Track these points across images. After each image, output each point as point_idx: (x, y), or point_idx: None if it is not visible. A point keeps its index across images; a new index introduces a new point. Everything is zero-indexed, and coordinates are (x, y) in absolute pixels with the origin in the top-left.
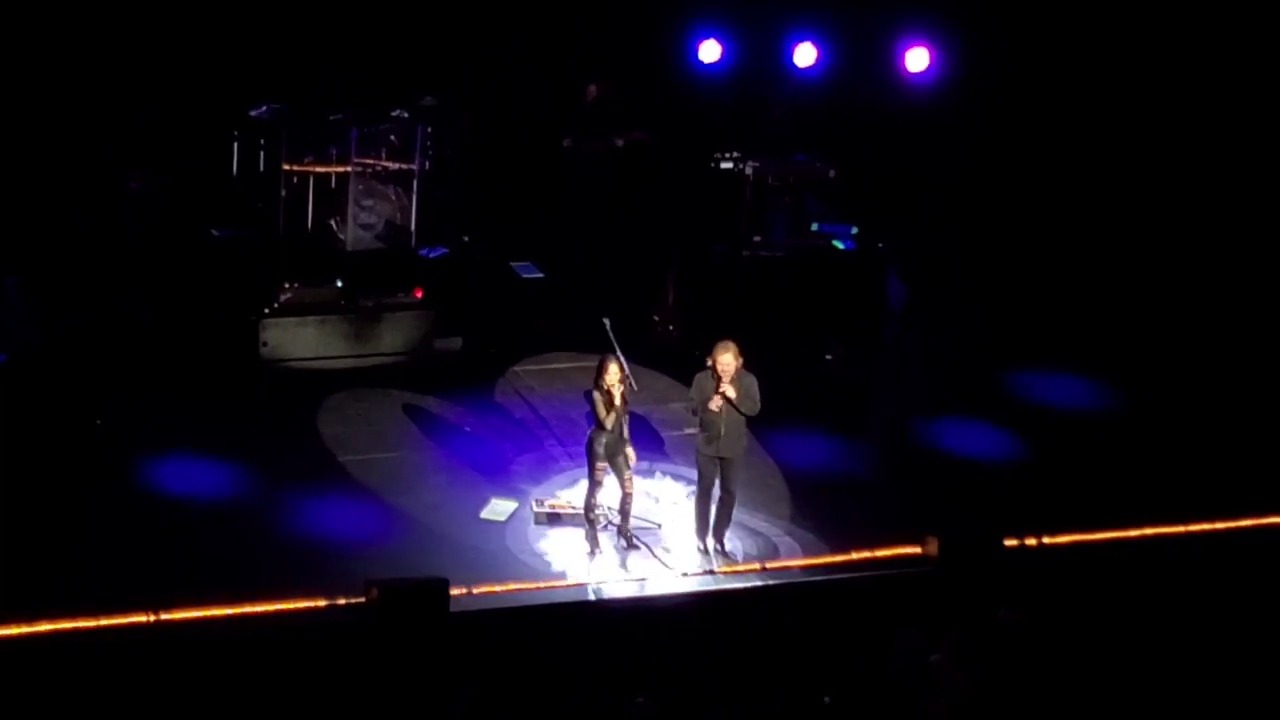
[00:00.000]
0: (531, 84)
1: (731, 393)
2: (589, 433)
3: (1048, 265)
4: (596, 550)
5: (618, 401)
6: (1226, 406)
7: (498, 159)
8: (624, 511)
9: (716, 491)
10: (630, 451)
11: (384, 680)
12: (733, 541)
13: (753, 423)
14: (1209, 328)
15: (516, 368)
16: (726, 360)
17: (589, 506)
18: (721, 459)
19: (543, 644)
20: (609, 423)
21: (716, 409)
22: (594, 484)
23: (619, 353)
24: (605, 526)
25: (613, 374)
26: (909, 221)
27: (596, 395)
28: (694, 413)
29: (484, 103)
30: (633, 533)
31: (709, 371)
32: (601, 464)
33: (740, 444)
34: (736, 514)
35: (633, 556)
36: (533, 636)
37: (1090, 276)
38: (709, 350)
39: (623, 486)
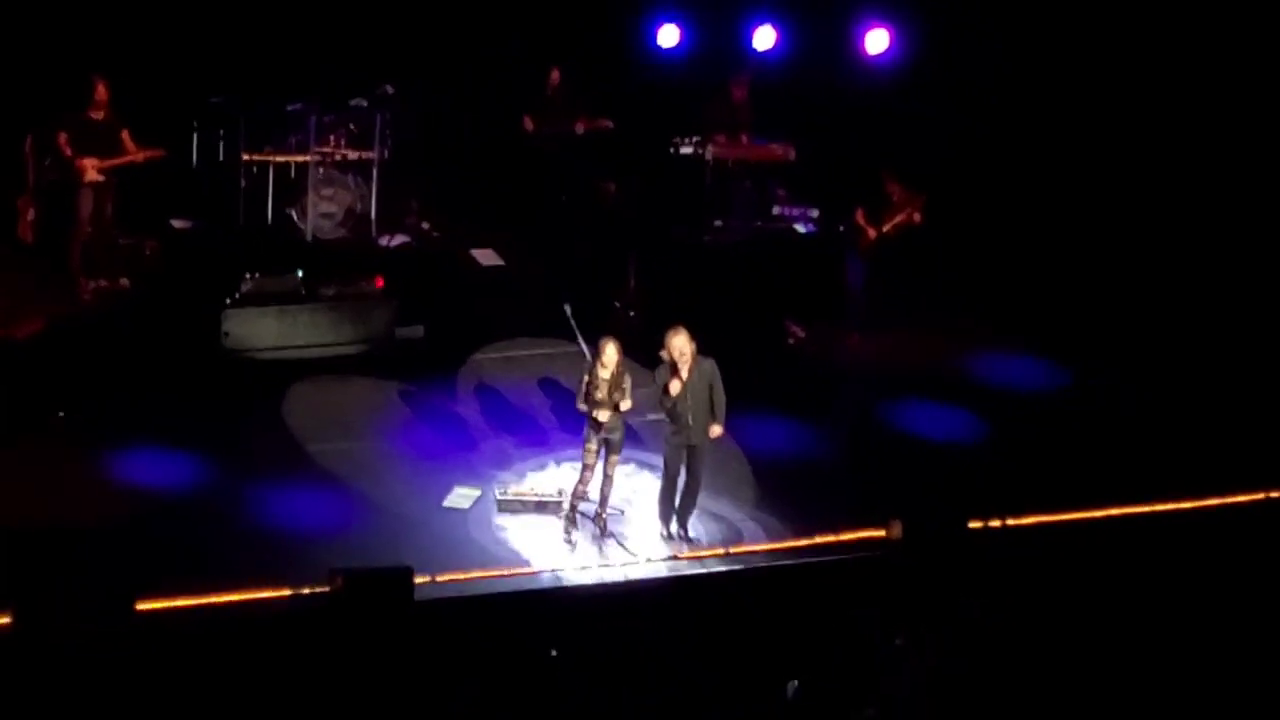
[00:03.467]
0: (491, 70)
1: (676, 387)
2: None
3: (1009, 247)
4: (570, 538)
5: (602, 393)
6: (1189, 386)
7: (457, 146)
8: (602, 496)
9: (682, 478)
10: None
11: (350, 669)
12: (696, 527)
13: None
14: (1170, 307)
15: (478, 355)
16: (680, 344)
17: (575, 493)
18: (689, 446)
19: (507, 631)
20: (598, 413)
21: (676, 392)
22: (584, 468)
23: (581, 341)
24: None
25: (609, 357)
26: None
27: (586, 379)
28: (662, 405)
29: (442, 90)
30: (606, 519)
31: (666, 362)
32: (593, 448)
33: (707, 429)
34: (700, 499)
35: (600, 543)
36: (498, 624)
37: (1052, 257)
38: (661, 343)
39: (605, 470)
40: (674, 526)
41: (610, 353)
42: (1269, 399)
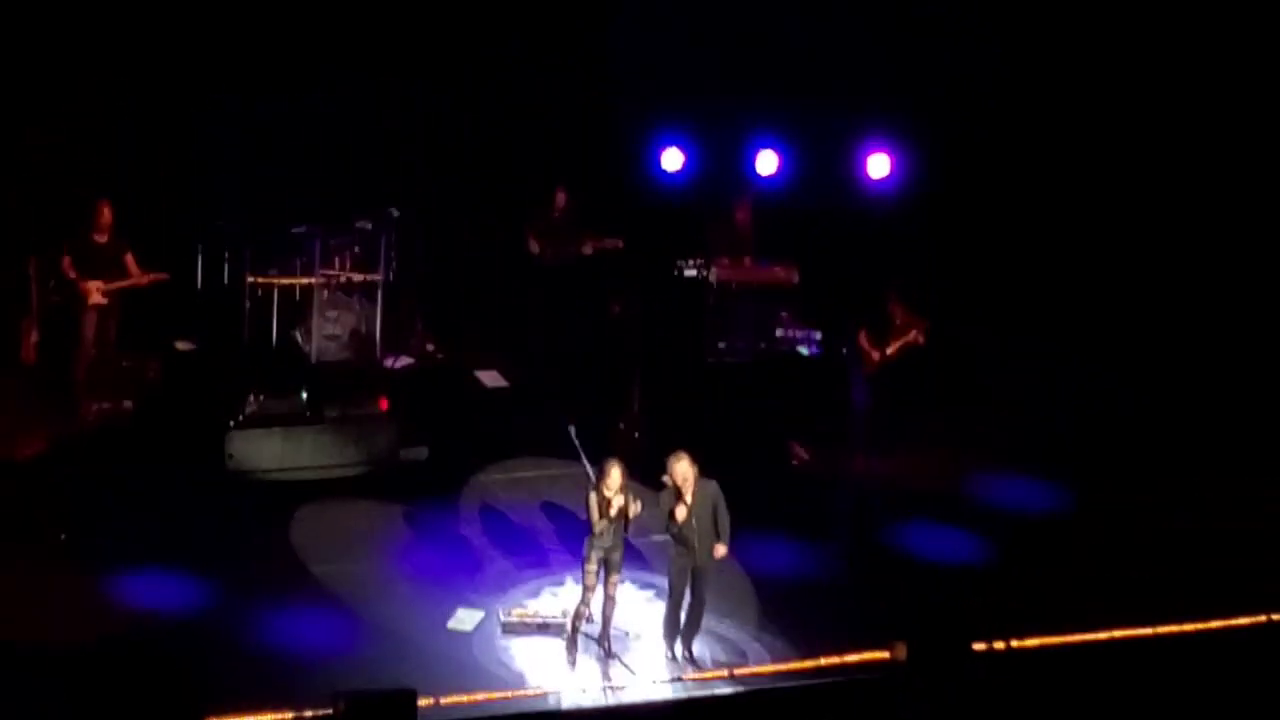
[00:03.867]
0: (496, 191)
1: (682, 514)
2: (587, 536)
3: (1011, 369)
4: (574, 659)
5: (613, 510)
6: (1192, 510)
7: (462, 268)
8: (604, 617)
9: (686, 599)
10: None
11: None
12: (701, 648)
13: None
14: (1172, 429)
15: (482, 476)
16: (683, 469)
17: (576, 614)
18: (694, 568)
19: None
20: (597, 528)
21: (682, 518)
22: (585, 589)
23: (585, 461)
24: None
25: (613, 479)
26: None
27: (592, 498)
28: (667, 530)
29: (447, 211)
30: (610, 641)
31: (669, 487)
32: (593, 568)
33: (712, 553)
34: (704, 620)
35: (604, 664)
36: None
37: (1052, 381)
38: (664, 465)
39: (606, 591)
40: (679, 648)
41: (614, 475)
42: (1269, 523)
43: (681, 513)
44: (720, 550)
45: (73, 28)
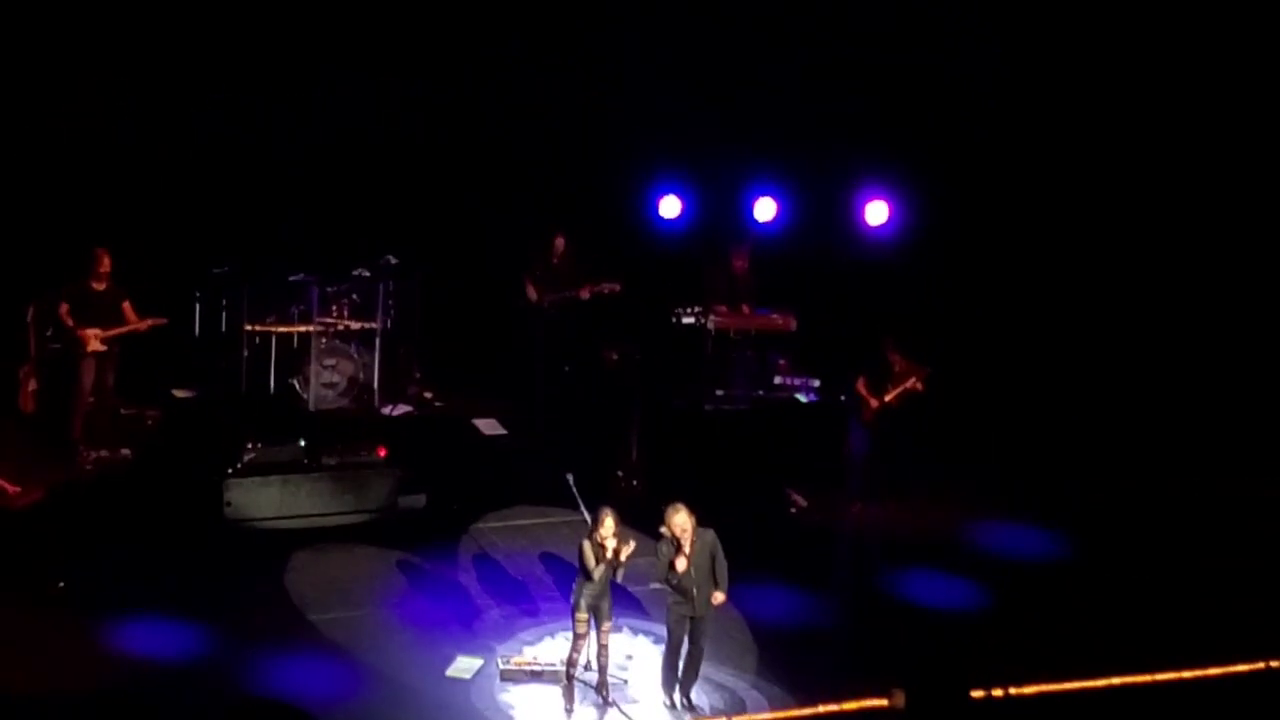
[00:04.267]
0: (495, 239)
1: (683, 565)
2: (575, 584)
3: (1010, 416)
4: (571, 708)
5: (609, 555)
6: (1189, 556)
7: (460, 316)
8: (600, 666)
9: (685, 647)
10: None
11: None
12: (699, 696)
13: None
14: (1168, 474)
15: (480, 524)
16: (680, 521)
17: (570, 662)
18: (692, 617)
19: None
20: (596, 574)
21: (683, 569)
22: (576, 637)
23: (584, 509)
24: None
25: (608, 527)
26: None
27: (587, 545)
28: (666, 581)
29: (446, 260)
30: (608, 688)
31: (667, 538)
32: (584, 616)
33: (710, 601)
34: (703, 668)
35: (602, 712)
36: None
37: (1053, 426)
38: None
39: (599, 639)
40: (677, 695)
41: (608, 522)
42: (1268, 568)
43: (682, 564)
44: (719, 597)
45: (70, 72)
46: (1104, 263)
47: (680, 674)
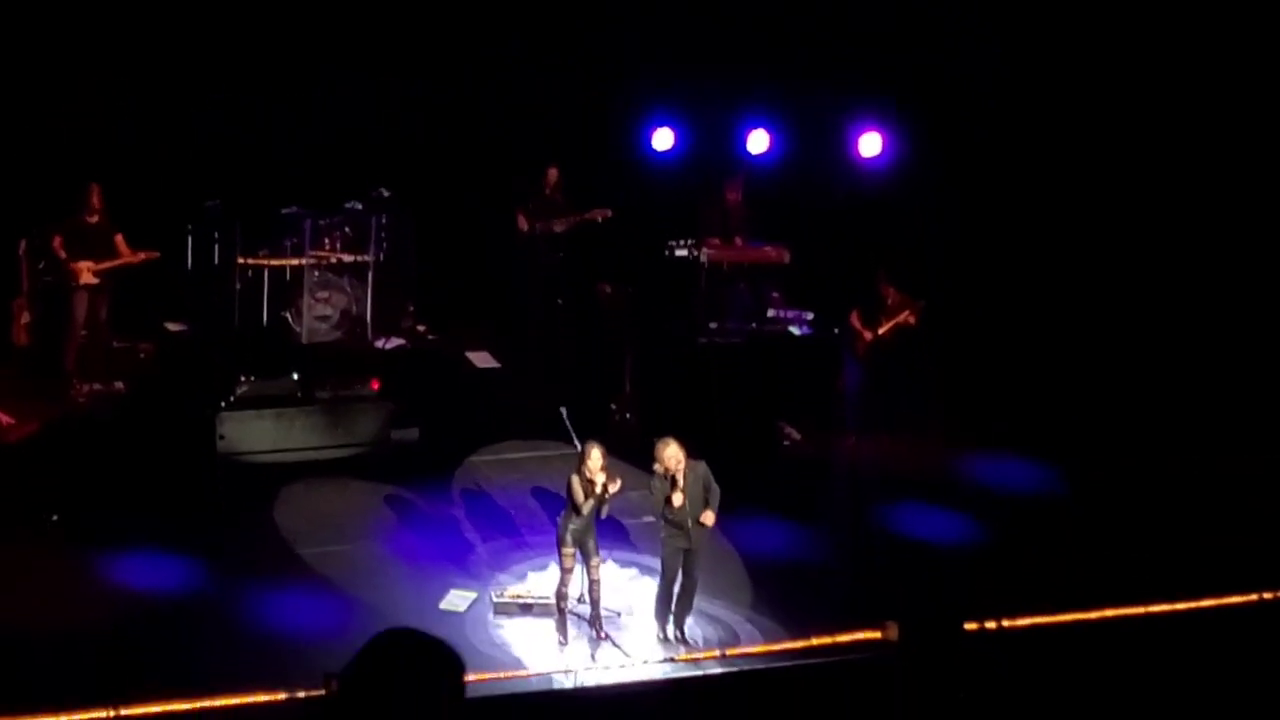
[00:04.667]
0: (487, 169)
1: (679, 499)
2: (559, 518)
3: (1004, 349)
4: (565, 640)
5: (598, 489)
6: (1186, 489)
7: (453, 249)
8: (593, 600)
9: (679, 581)
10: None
11: None
12: (693, 629)
13: None
14: (1163, 406)
15: (474, 458)
16: (671, 454)
17: (559, 595)
18: (688, 549)
19: None
20: (584, 509)
21: (680, 504)
22: (564, 571)
23: (577, 443)
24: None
25: (595, 460)
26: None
27: (575, 480)
28: (662, 515)
29: (438, 191)
30: (602, 621)
31: (660, 473)
32: (570, 550)
33: (704, 534)
34: (696, 601)
35: (595, 646)
36: None
37: (1046, 359)
38: (652, 451)
39: (590, 574)
40: (671, 628)
41: (595, 455)
42: (1264, 501)
43: (678, 499)
44: (709, 517)
45: (70, 11)
46: (1101, 192)
47: (674, 607)
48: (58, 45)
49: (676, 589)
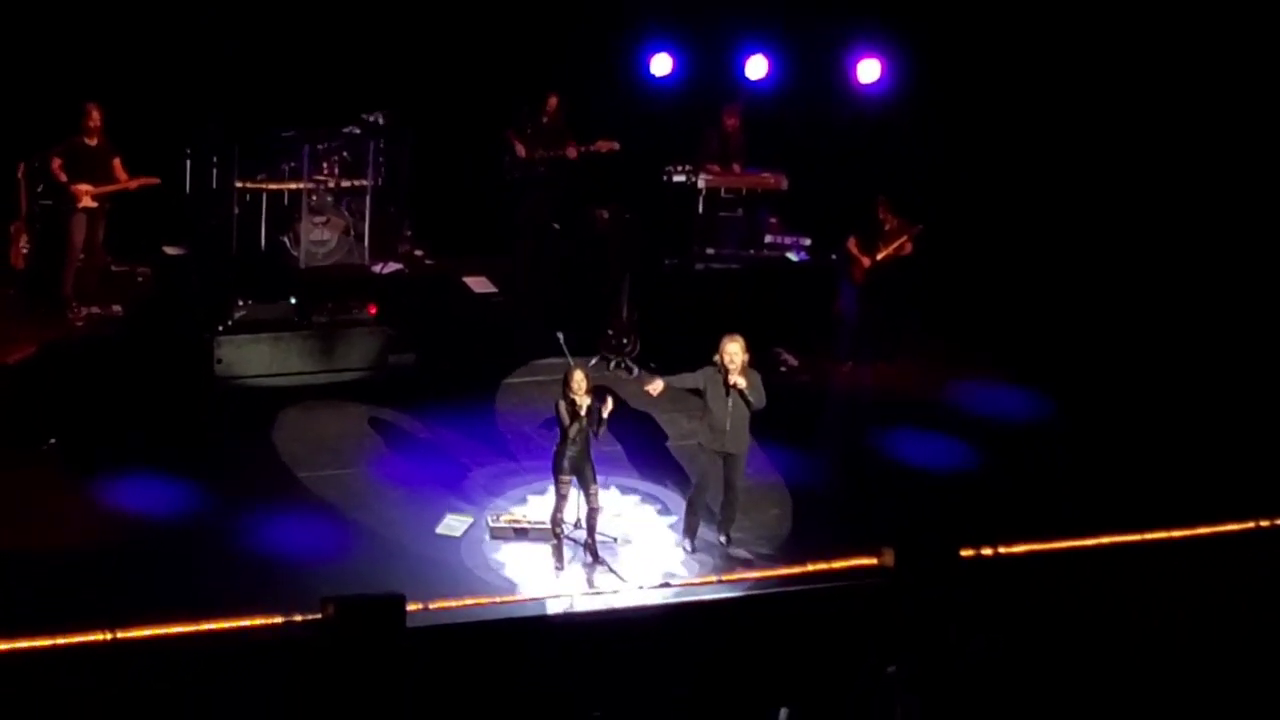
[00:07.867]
0: (486, 96)
1: (742, 383)
2: (555, 446)
3: (1002, 276)
4: (561, 565)
5: (582, 413)
6: (1181, 415)
7: (452, 173)
8: (590, 526)
9: (711, 492)
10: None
11: (340, 696)
12: (689, 559)
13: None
14: (1160, 333)
15: (471, 383)
16: (734, 350)
17: (555, 521)
18: (727, 454)
19: (499, 659)
20: (571, 431)
21: (658, 391)
22: (559, 498)
23: (571, 361)
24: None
25: (579, 382)
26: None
27: (561, 405)
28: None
29: (436, 116)
30: (598, 548)
31: (715, 365)
32: (566, 477)
33: (745, 439)
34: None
35: (591, 571)
36: (489, 652)
37: (1043, 285)
38: (716, 346)
39: (589, 501)
40: (694, 541)
41: (578, 378)
42: (1259, 427)
43: (658, 387)
44: (657, 385)
45: None
46: (1100, 115)
47: (720, 516)
48: None
49: (705, 499)
